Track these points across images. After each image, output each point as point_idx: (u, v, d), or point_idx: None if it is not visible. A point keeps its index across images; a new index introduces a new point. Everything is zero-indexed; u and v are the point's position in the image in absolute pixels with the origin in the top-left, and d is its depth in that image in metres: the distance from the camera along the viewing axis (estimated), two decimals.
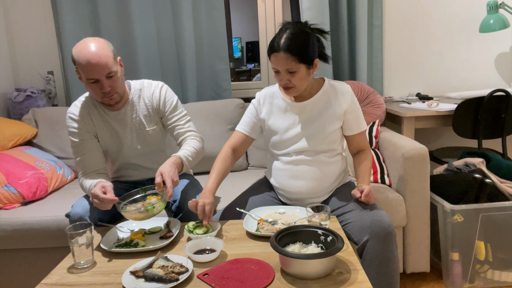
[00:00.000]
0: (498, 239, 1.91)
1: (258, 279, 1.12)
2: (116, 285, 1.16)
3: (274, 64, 1.50)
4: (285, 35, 1.46)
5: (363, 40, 2.60)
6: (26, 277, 1.96)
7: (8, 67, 2.71)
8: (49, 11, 2.67)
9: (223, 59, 2.68)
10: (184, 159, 1.59)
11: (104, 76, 1.53)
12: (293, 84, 1.51)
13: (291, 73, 1.48)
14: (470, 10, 2.73)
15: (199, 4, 2.61)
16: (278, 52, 1.46)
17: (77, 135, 1.66)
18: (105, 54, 1.53)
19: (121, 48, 2.62)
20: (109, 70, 1.54)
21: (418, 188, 1.92)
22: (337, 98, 1.60)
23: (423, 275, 2.11)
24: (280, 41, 1.46)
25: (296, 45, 1.45)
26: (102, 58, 1.51)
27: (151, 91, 1.75)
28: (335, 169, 1.64)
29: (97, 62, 1.50)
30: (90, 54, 1.51)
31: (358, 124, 1.64)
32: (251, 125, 1.69)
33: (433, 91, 2.84)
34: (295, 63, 1.46)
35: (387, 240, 1.43)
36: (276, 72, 1.52)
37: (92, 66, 1.50)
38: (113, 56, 1.57)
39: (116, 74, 1.57)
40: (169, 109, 1.75)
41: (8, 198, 1.98)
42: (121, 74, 1.63)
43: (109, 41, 1.62)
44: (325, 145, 1.60)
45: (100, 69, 1.52)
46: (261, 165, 2.52)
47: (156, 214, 1.44)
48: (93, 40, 1.56)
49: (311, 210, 1.37)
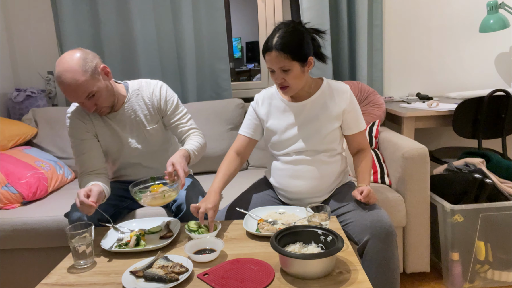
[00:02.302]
0: (498, 239, 1.91)
1: (258, 279, 1.12)
2: (116, 285, 1.16)
3: (268, 63, 1.50)
4: (278, 34, 1.47)
5: (363, 40, 2.60)
6: (26, 277, 1.96)
7: (8, 67, 2.71)
8: (49, 11, 2.68)
9: (223, 59, 2.68)
10: (191, 152, 1.60)
11: (83, 99, 1.51)
12: (288, 83, 1.51)
13: (285, 71, 1.48)
14: (470, 10, 2.73)
15: (199, 4, 2.61)
16: (271, 51, 1.46)
17: (77, 135, 1.66)
18: (79, 80, 1.45)
19: (121, 48, 2.62)
20: (87, 93, 1.49)
21: (418, 188, 1.92)
22: (336, 98, 1.60)
23: (423, 275, 2.11)
24: (273, 40, 1.46)
25: (288, 43, 1.45)
26: (76, 84, 1.45)
27: (150, 90, 1.74)
28: (335, 169, 1.64)
29: (72, 90, 1.47)
30: (63, 80, 1.45)
31: (357, 123, 1.64)
32: (252, 127, 1.70)
33: (433, 91, 2.84)
34: (289, 61, 1.46)
35: (388, 240, 1.43)
36: (271, 72, 1.53)
37: (68, 92, 1.48)
38: (90, 75, 1.49)
39: (98, 92, 1.53)
40: (171, 108, 1.74)
41: (8, 198, 1.98)
42: (105, 86, 1.56)
43: (111, 42, 1.60)
44: (324, 145, 1.60)
45: (78, 95, 1.48)
46: (261, 165, 2.52)
47: (168, 202, 1.45)
48: (67, 61, 1.46)
49: (311, 210, 1.37)
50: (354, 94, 2.42)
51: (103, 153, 1.71)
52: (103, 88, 1.55)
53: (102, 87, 1.55)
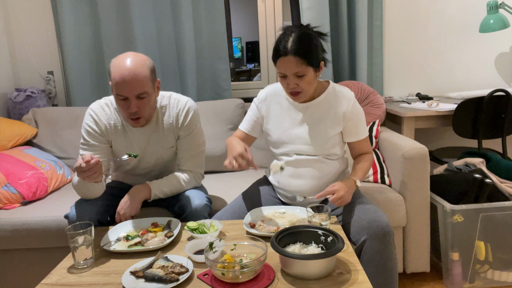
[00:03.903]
0: (498, 239, 1.91)
1: (258, 279, 1.12)
2: (116, 285, 1.16)
3: (282, 69, 1.47)
4: (291, 38, 1.44)
5: (363, 40, 2.60)
6: (26, 277, 1.96)
7: (8, 67, 2.71)
8: (49, 11, 2.67)
9: (223, 59, 2.68)
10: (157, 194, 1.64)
11: (134, 95, 1.46)
12: (301, 89, 1.49)
13: (300, 76, 1.46)
14: (470, 10, 2.73)
15: (199, 4, 2.61)
16: (286, 56, 1.43)
17: (91, 136, 1.61)
18: (141, 73, 1.44)
19: (121, 48, 2.61)
20: (141, 90, 1.45)
21: (418, 188, 1.92)
22: (339, 103, 1.59)
23: (423, 275, 2.11)
24: (287, 44, 1.43)
25: (304, 48, 1.43)
26: (137, 76, 1.43)
27: (176, 111, 1.66)
28: (335, 169, 1.64)
29: (130, 79, 1.42)
30: (125, 70, 1.42)
31: (357, 132, 1.62)
32: (251, 124, 1.70)
33: (433, 91, 2.84)
34: (304, 66, 1.44)
35: (385, 240, 1.43)
36: (282, 77, 1.50)
37: (124, 83, 1.42)
38: (150, 77, 1.48)
39: (148, 96, 1.49)
40: (185, 136, 1.69)
41: (8, 198, 1.98)
42: (154, 98, 1.55)
43: (111, 42, 1.59)
44: (325, 149, 1.59)
45: (131, 87, 1.43)
46: (261, 165, 2.51)
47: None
48: (133, 55, 1.48)
49: (311, 210, 1.37)
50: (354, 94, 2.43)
51: (109, 160, 1.68)
52: (152, 96, 1.52)
53: (153, 95, 1.52)
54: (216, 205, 1.84)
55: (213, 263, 1.12)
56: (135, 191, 1.61)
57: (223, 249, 1.23)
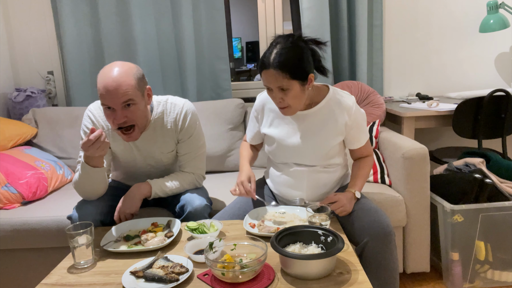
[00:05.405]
0: (498, 239, 1.91)
1: (258, 279, 1.12)
2: (116, 285, 1.16)
3: (266, 82, 1.39)
4: (275, 50, 1.35)
5: (363, 40, 2.60)
6: (26, 277, 1.96)
7: (8, 67, 2.71)
8: (49, 11, 2.67)
9: (223, 59, 2.68)
10: (157, 193, 1.64)
11: (118, 104, 1.41)
12: (287, 103, 1.40)
13: (284, 90, 1.37)
14: (470, 10, 2.73)
15: (199, 4, 2.61)
16: (267, 69, 1.35)
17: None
18: (124, 82, 1.40)
19: (121, 48, 2.62)
20: (125, 99, 1.41)
21: (418, 188, 1.92)
22: (340, 111, 1.52)
23: (423, 275, 2.11)
24: (270, 56, 1.35)
25: (287, 61, 1.34)
26: (120, 85, 1.39)
27: (174, 116, 1.63)
28: (336, 177, 1.63)
29: (113, 89, 1.38)
30: (108, 79, 1.39)
31: (359, 138, 1.58)
32: (253, 135, 1.72)
33: (433, 91, 2.84)
34: (287, 80, 1.35)
35: (386, 240, 1.43)
36: (268, 89, 1.43)
37: (107, 92, 1.39)
38: (137, 85, 1.44)
39: (135, 104, 1.44)
40: (185, 140, 1.68)
41: (8, 198, 1.98)
42: (144, 105, 1.50)
43: (111, 42, 1.58)
44: (325, 160, 1.56)
45: (113, 96, 1.39)
46: (261, 165, 2.51)
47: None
48: (120, 64, 1.44)
49: (312, 211, 1.37)
50: (354, 94, 2.43)
51: (110, 159, 1.68)
52: (141, 104, 1.48)
53: (141, 103, 1.48)
54: (216, 206, 1.84)
55: (213, 263, 1.12)
56: (135, 189, 1.61)
57: (223, 249, 1.23)
